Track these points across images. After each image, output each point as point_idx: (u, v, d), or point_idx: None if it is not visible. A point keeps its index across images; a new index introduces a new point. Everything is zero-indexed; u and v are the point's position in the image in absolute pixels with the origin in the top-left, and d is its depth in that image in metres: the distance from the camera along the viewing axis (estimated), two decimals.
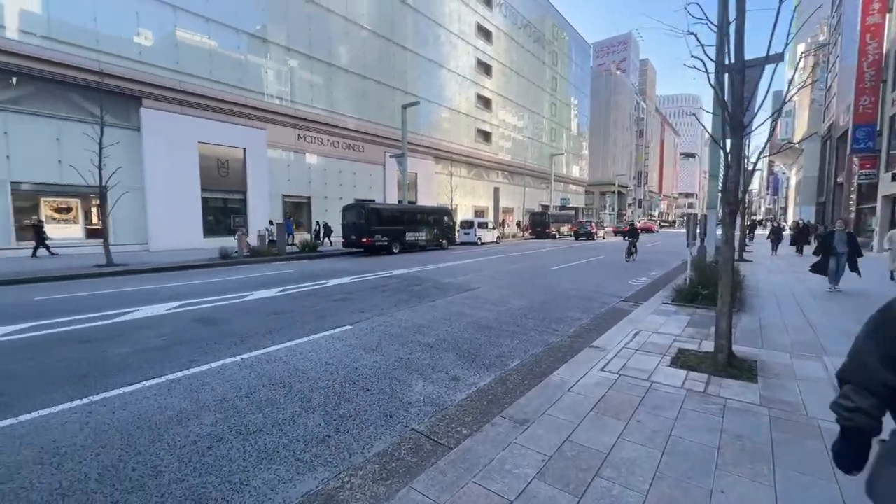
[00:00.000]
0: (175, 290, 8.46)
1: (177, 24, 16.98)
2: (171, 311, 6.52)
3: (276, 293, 8.17)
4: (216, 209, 19.10)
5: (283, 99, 20.95)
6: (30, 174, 13.86)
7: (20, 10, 13.58)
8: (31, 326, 5.57)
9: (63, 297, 7.80)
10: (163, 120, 16.52)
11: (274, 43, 20.41)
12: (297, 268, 12.67)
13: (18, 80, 13.69)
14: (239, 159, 19.32)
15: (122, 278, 10.36)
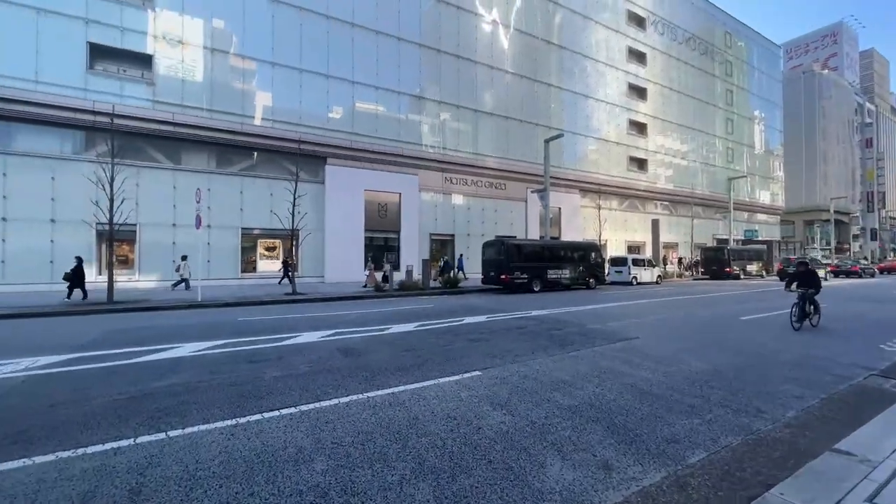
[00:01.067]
0: (333, 319, 9.43)
1: (354, 96, 20.58)
2: (323, 339, 7.13)
3: (413, 327, 8.28)
4: (375, 247, 21.62)
5: (433, 147, 22.99)
6: (253, 221, 18.19)
7: (262, 105, 18.46)
8: (223, 344, 6.74)
9: (255, 319, 9.48)
10: (339, 173, 19.86)
11: (428, 99, 22.83)
12: (438, 303, 12.96)
13: (251, 151, 18.44)
14: (395, 203, 21.69)
15: (301, 305, 12.24)
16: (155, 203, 16.18)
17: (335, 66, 20.00)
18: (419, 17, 22.45)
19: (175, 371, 5.20)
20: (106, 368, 5.31)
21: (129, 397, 4.25)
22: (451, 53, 23.55)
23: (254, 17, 18.21)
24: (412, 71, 22.21)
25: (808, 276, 8.77)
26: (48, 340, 7.07)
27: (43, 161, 14.55)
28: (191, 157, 17.37)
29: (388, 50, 21.46)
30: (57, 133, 14.95)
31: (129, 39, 15.94)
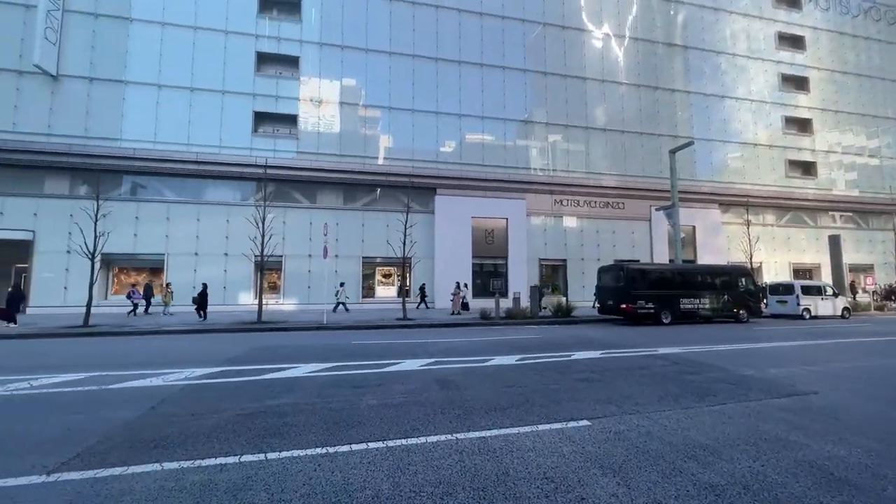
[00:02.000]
0: (437, 346, 9.43)
1: (461, 128, 21.43)
2: (423, 367, 7.08)
3: (516, 360, 7.71)
4: (483, 273, 21.59)
5: (541, 170, 22.37)
6: (371, 251, 19.92)
7: (381, 146, 20.55)
8: (334, 367, 7.17)
9: (367, 343, 10.04)
10: (448, 202, 20.61)
11: (535, 122, 22.51)
12: (546, 333, 12.05)
13: (372, 188, 20.45)
14: (502, 228, 21.48)
15: (410, 331, 12.66)
16: (296, 237, 18.97)
17: (443, 102, 21.23)
18: (523, 44, 22.62)
19: (290, 390, 5.64)
20: (240, 383, 6.06)
21: (247, 413, 4.69)
22: (558, 74, 22.99)
23: (375, 71, 20.62)
24: (517, 97, 22.28)
25: None
26: (208, 354, 8.51)
27: (222, 207, 18.42)
28: (324, 196, 20.04)
29: (493, 80, 22.00)
30: (230, 185, 18.85)
31: (281, 105, 19.49)
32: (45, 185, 17.13)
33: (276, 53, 19.71)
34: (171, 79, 18.21)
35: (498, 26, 22.28)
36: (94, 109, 17.44)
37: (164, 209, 17.99)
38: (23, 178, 16.86)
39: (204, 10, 18.86)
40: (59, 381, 6.11)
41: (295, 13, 20.19)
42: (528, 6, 22.78)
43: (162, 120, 18.03)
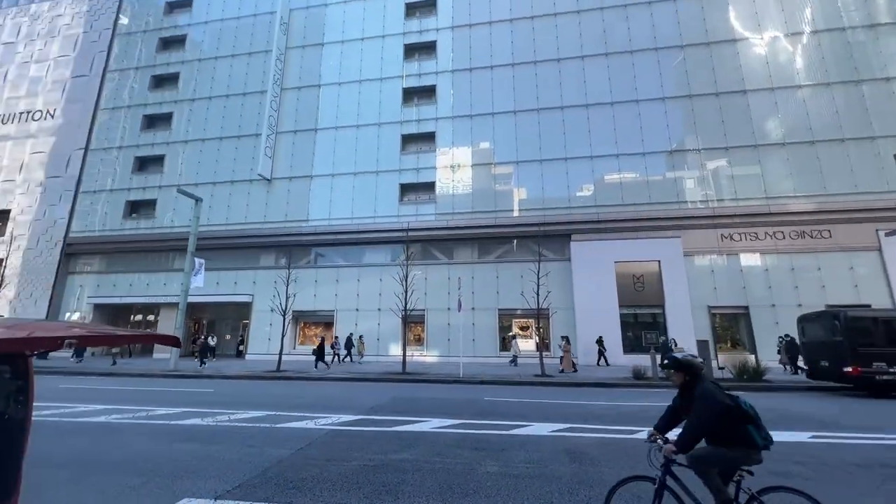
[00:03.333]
0: (573, 409, 8.38)
1: (593, 169, 20.40)
2: (552, 433, 6.30)
3: (674, 435, 6.20)
4: (634, 325, 18.93)
5: (700, 201, 19.27)
6: (506, 303, 19.71)
7: (510, 199, 21.03)
8: (461, 424, 6.99)
9: (499, 400, 9.61)
10: (585, 248, 19.28)
11: (684, 151, 19.93)
12: None
13: (504, 240, 20.73)
14: (654, 272, 18.78)
15: (546, 389, 11.69)
16: (436, 292, 20.23)
17: (572, 147, 20.76)
18: (658, 73, 20.90)
19: (414, 445, 5.68)
20: (374, 433, 6.40)
21: (372, 465, 4.86)
22: (708, 94, 20.23)
23: (502, 131, 21.75)
24: (657, 128, 20.26)
25: None
26: (356, 401, 9.38)
27: (376, 269, 21.18)
28: (460, 251, 21.17)
29: (625, 117, 20.67)
30: (382, 248, 21.67)
31: (421, 175, 22.06)
32: (260, 259, 22.84)
33: (416, 133, 22.81)
34: (341, 168, 22.78)
35: (626, 62, 21.27)
36: (291, 200, 22.93)
37: (334, 273, 21.75)
38: (248, 256, 22.90)
39: (364, 111, 23.48)
40: (247, 416, 7.53)
41: (431, 97, 23.31)
42: (662, 34, 21.23)
43: (334, 201, 22.43)
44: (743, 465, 2.78)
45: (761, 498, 2.74)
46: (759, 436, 2.71)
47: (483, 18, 23.38)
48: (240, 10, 26.53)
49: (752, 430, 2.72)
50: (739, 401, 2.80)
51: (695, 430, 2.79)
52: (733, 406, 2.74)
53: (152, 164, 25.31)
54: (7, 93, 28.59)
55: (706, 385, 2.86)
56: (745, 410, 2.75)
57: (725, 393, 2.83)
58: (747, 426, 2.72)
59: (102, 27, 28.29)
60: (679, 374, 3.00)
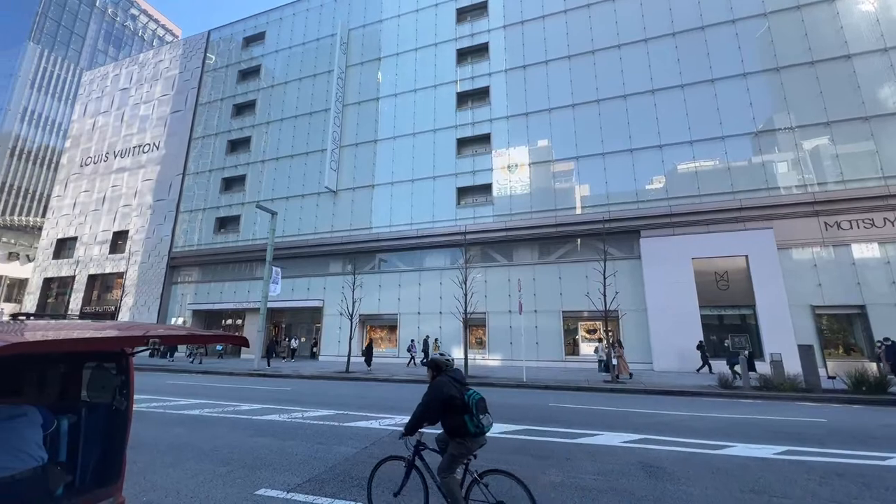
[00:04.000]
0: (647, 419, 7.73)
1: (663, 160, 18.87)
2: (624, 444, 5.84)
3: (773, 454, 5.44)
4: (718, 327, 17.11)
5: (796, 186, 16.97)
6: (571, 305, 18.87)
7: (571, 196, 20.17)
8: (522, 430, 6.75)
9: (564, 406, 9.17)
10: (656, 244, 17.85)
11: (773, 131, 17.70)
12: (835, 416, 8.17)
13: (566, 240, 19.91)
14: (740, 269, 16.83)
15: (616, 396, 10.95)
16: (497, 295, 19.98)
17: (637, 137, 19.40)
18: (737, 47, 18.80)
19: None
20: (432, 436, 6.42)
21: None
22: (801, 63, 17.78)
23: (560, 127, 20.98)
24: (738, 108, 18.21)
25: None
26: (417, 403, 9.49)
27: (436, 272, 21.47)
28: (519, 253, 20.73)
29: (699, 99, 18.86)
30: (441, 252, 21.92)
31: (478, 178, 22.00)
32: (329, 266, 24.29)
33: (471, 136, 22.82)
34: (399, 175, 23.51)
35: (698, 39, 19.40)
36: (355, 209, 24.14)
37: (396, 277, 22.44)
38: (318, 264, 24.49)
39: (419, 119, 24.04)
40: (318, 414, 7.98)
41: (485, 99, 23.19)
42: (740, 4, 19.07)
43: (394, 208, 23.19)
44: (469, 450, 3.21)
45: (482, 480, 3.20)
46: (472, 424, 3.13)
47: (536, 14, 22.83)
48: (305, 36, 28.65)
49: (467, 419, 3.12)
50: (467, 394, 3.20)
51: (417, 414, 3.26)
52: (456, 397, 3.17)
53: (236, 184, 28.16)
54: (124, 131, 33.67)
55: (440, 379, 3.34)
56: (465, 402, 3.15)
57: (457, 387, 3.25)
58: (464, 416, 3.13)
59: (193, 66, 32.21)
60: (430, 372, 3.50)
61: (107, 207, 31.92)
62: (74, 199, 33.90)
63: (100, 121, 35.47)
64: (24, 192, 53.73)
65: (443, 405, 3.20)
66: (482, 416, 3.17)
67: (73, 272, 31.23)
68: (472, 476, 3.25)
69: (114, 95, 35.57)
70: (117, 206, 31.45)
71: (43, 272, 32.96)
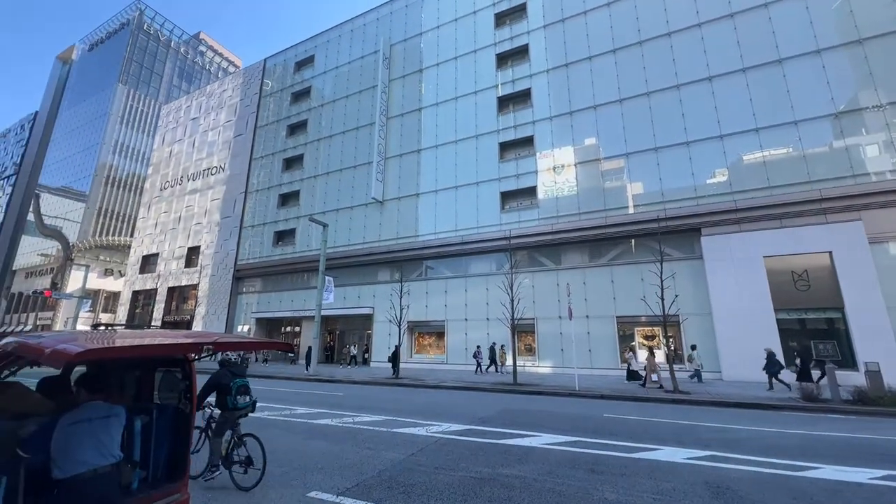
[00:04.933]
0: (715, 434, 7.08)
1: (725, 150, 17.44)
2: (688, 461, 5.38)
3: (870, 479, 4.74)
4: (799, 332, 15.36)
5: (885, 172, 14.94)
6: (625, 309, 17.89)
7: (622, 195, 19.19)
8: (574, 441, 6.45)
9: (620, 417, 8.65)
10: (720, 242, 16.47)
11: (862, 110, 15.76)
12: None
13: (618, 241, 18.95)
14: (823, 267, 15.04)
15: (678, 407, 10.16)
16: (545, 300, 19.43)
17: (693, 128, 18.12)
18: (809, 22, 17.01)
19: (523, 461, 5.43)
20: (481, 444, 6.33)
21: (479, 478, 4.78)
22: (889, 33, 15.72)
23: (607, 123, 20.14)
24: (814, 88, 16.42)
25: None
26: (466, 410, 9.44)
27: (482, 278, 21.34)
28: (568, 256, 20.05)
29: (765, 81, 17.26)
30: (487, 258, 21.76)
31: (522, 181, 21.65)
32: (378, 274, 24.99)
33: (513, 140, 22.53)
34: (443, 183, 23.74)
35: (761, 18, 17.76)
36: (401, 219, 24.69)
37: (443, 284, 22.57)
38: (367, 272, 25.29)
39: (461, 126, 24.17)
40: (368, 419, 8.17)
41: (526, 101, 22.83)
42: None
43: (439, 215, 23.42)
44: (229, 420, 4.67)
45: (243, 440, 4.72)
46: (231, 402, 4.57)
47: (577, 10, 22.20)
48: (350, 55, 30.03)
49: (228, 398, 4.56)
50: (234, 381, 4.63)
51: (199, 393, 3.71)
52: (223, 383, 4.60)
53: (291, 199, 29.96)
54: (195, 156, 37.16)
55: (220, 370, 4.72)
56: (229, 386, 4.58)
57: (229, 376, 4.65)
58: (226, 396, 4.56)
59: (252, 93, 34.91)
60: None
61: (182, 226, 35.29)
62: (156, 220, 37.86)
63: (175, 148, 39.46)
64: (117, 214, 60.90)
65: (213, 387, 4.59)
66: (240, 396, 4.60)
67: (155, 285, 34.81)
68: (235, 438, 4.71)
69: (186, 125, 39.45)
70: (190, 225, 34.67)
71: (131, 286, 37.05)
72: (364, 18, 30.41)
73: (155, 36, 72.81)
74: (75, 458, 2.39)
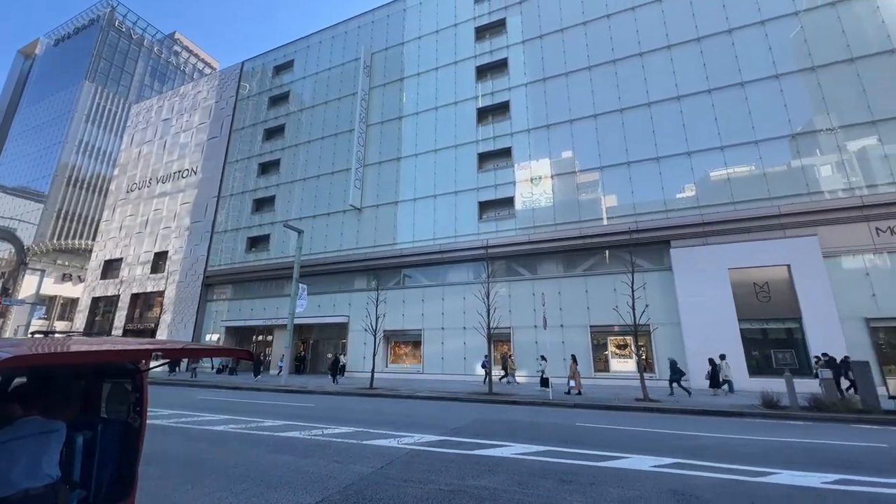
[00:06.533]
0: (683, 442, 7.24)
1: (692, 167, 18.20)
2: (655, 469, 5.46)
3: (824, 483, 4.93)
4: (762, 342, 16.03)
5: (841, 190, 15.92)
6: (598, 319, 18.23)
7: (595, 207, 19.67)
8: (545, 451, 6.45)
9: (591, 426, 8.74)
10: (687, 255, 17.09)
11: (817, 132, 16.77)
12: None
13: (592, 252, 19.37)
14: (781, 279, 15.81)
15: (649, 416, 10.36)
16: (521, 309, 19.59)
17: (663, 145, 18.86)
18: (767, 49, 18.11)
19: (492, 472, 5.39)
20: (453, 456, 6.25)
21: (448, 490, 4.70)
22: (839, 62, 16.90)
23: (582, 137, 20.71)
24: (772, 110, 17.42)
25: None
26: (439, 420, 9.33)
27: (459, 287, 21.34)
28: (544, 266, 20.33)
29: (728, 103, 18.20)
30: (464, 266, 21.81)
31: (500, 191, 21.92)
32: (354, 282, 24.64)
33: (492, 150, 22.85)
34: (422, 191, 23.77)
35: (725, 43, 18.81)
36: (379, 226, 24.52)
37: (420, 293, 22.44)
38: (343, 280, 24.91)
39: (441, 135, 24.36)
40: (338, 431, 7.95)
41: (505, 113, 23.25)
42: (769, 5, 18.42)
43: (417, 224, 23.39)
44: None
45: None
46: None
47: (554, 27, 22.90)
48: (330, 61, 29.89)
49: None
50: None
51: None
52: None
53: (266, 205, 29.29)
54: (165, 158, 35.91)
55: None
56: None
57: None
58: None
59: (228, 95, 34.17)
60: None
61: (149, 230, 33.88)
62: (121, 223, 36.22)
63: (144, 149, 38.03)
64: (78, 217, 57.98)
65: None
66: None
67: (117, 291, 33.15)
68: None
69: (157, 126, 38.14)
70: (158, 229, 33.33)
71: (91, 292, 35.14)
72: (346, 26, 30.39)
73: (127, 33, 70.54)
74: (6, 478, 2.20)
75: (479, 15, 25.40)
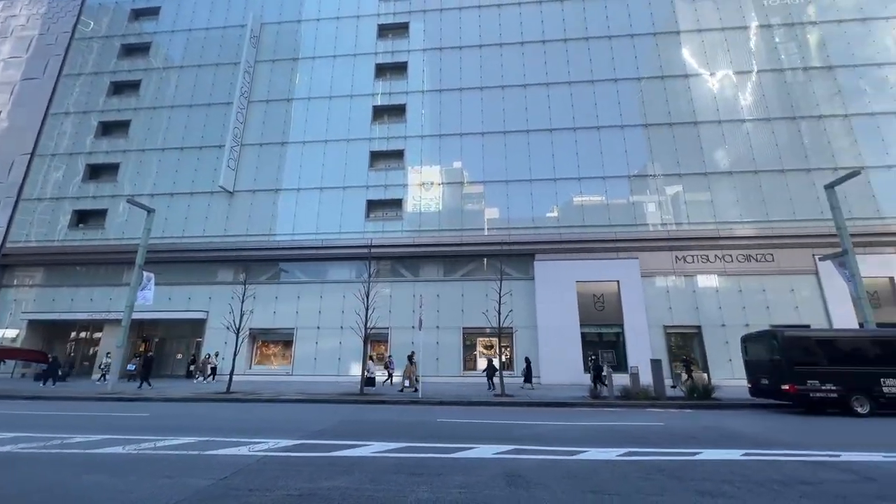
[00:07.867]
0: (525, 430, 8.30)
1: (557, 192, 21.02)
2: (496, 456, 6.18)
3: (617, 455, 6.22)
4: (599, 343, 19.26)
5: (660, 225, 20.12)
6: (471, 321, 19.66)
7: (476, 217, 21.18)
8: (405, 447, 6.75)
9: (453, 421, 9.40)
10: (548, 267, 19.65)
11: (647, 176, 20.87)
12: (672, 420, 9.70)
13: (470, 259, 20.81)
14: (613, 293, 19.30)
15: (503, 410, 11.58)
16: (401, 310, 19.94)
17: (537, 169, 21.38)
18: (617, 103, 22.03)
19: (348, 472, 5.41)
20: (309, 458, 6.07)
21: (297, 495, 4.57)
22: (663, 123, 21.46)
23: (469, 152, 22.17)
24: (617, 154, 21.25)
25: None
26: (303, 424, 8.94)
27: (340, 285, 20.73)
28: (426, 269, 21.09)
29: (587, 141, 21.57)
30: (347, 265, 21.32)
31: (389, 192, 22.04)
32: (218, 274, 21.89)
33: (385, 150, 22.90)
34: (307, 182, 22.45)
35: (588, 91, 22.34)
36: (254, 214, 22.30)
37: (296, 289, 21.10)
38: (203, 271, 21.93)
39: (333, 127, 23.40)
40: (176, 443, 7.00)
41: (401, 116, 23.54)
42: (621, 67, 22.49)
43: (299, 216, 21.98)
44: None
45: None
46: None
47: (453, 43, 24.08)
48: (209, 21, 26.22)
49: None
50: None
51: None
52: None
53: (105, 173, 24.14)
54: None
55: None
56: None
57: None
58: None
59: (60, 30, 27.22)
60: None
61: None
62: None
63: None
64: None
65: None
66: None
67: None
68: None
69: None
70: None
71: None
72: None
73: None
74: None
75: (384, 13, 25.26)
